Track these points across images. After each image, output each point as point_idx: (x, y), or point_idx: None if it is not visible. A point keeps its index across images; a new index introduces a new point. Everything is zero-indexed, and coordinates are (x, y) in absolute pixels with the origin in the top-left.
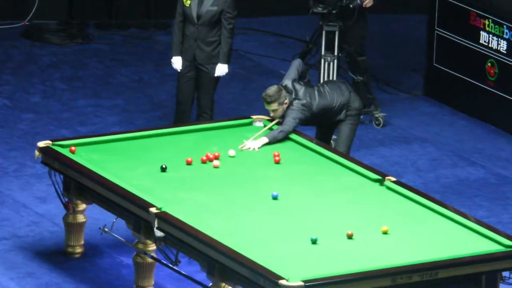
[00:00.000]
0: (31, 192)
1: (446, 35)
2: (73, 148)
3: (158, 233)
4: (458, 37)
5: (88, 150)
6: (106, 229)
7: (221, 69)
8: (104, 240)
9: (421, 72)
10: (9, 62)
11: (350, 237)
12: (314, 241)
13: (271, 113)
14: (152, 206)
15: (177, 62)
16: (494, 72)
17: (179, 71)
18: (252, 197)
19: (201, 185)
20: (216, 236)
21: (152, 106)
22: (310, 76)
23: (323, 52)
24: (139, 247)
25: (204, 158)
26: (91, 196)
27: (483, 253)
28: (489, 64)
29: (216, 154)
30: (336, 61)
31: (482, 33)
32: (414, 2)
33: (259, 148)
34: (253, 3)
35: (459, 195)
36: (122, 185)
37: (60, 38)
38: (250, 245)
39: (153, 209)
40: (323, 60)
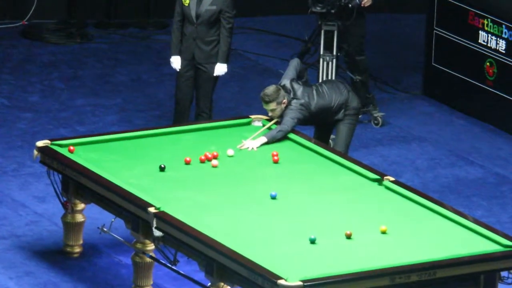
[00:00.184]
0: (29, 191)
1: (445, 35)
2: (71, 148)
3: (157, 233)
4: (457, 37)
5: (87, 149)
6: (105, 229)
7: (220, 69)
8: (103, 240)
9: (419, 71)
10: (8, 62)
11: (348, 236)
12: (312, 241)
13: (270, 113)
14: (151, 205)
15: (176, 62)
16: (492, 71)
17: (178, 70)
18: (251, 197)
19: (199, 184)
20: (214, 236)
21: (151, 106)
22: (309, 76)
23: (321, 52)
24: (138, 246)
25: (203, 157)
26: (90, 196)
27: (482, 253)
28: (488, 63)
29: (215, 153)
30: (334, 61)
31: (481, 32)
32: (412, 1)
33: (257, 147)
34: (252, 3)
35: (458, 195)
36: (121, 185)
37: (59, 37)
38: (249, 245)
39: (151, 209)
40: (321, 60)
